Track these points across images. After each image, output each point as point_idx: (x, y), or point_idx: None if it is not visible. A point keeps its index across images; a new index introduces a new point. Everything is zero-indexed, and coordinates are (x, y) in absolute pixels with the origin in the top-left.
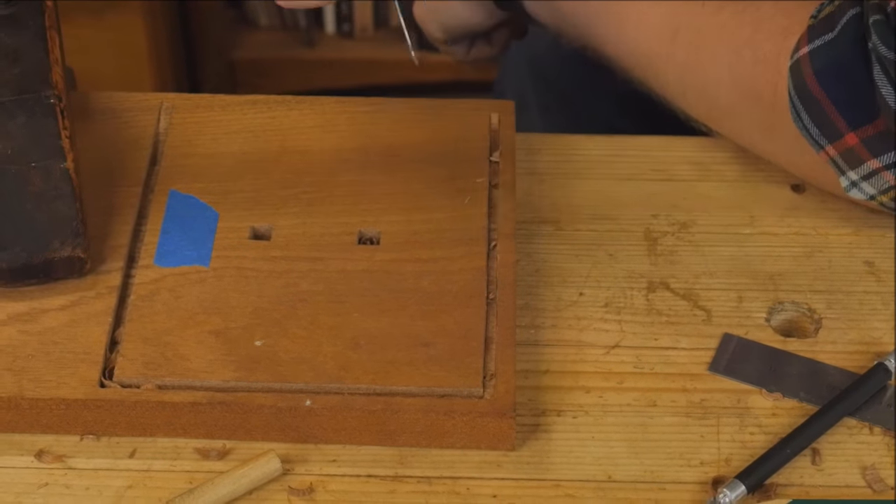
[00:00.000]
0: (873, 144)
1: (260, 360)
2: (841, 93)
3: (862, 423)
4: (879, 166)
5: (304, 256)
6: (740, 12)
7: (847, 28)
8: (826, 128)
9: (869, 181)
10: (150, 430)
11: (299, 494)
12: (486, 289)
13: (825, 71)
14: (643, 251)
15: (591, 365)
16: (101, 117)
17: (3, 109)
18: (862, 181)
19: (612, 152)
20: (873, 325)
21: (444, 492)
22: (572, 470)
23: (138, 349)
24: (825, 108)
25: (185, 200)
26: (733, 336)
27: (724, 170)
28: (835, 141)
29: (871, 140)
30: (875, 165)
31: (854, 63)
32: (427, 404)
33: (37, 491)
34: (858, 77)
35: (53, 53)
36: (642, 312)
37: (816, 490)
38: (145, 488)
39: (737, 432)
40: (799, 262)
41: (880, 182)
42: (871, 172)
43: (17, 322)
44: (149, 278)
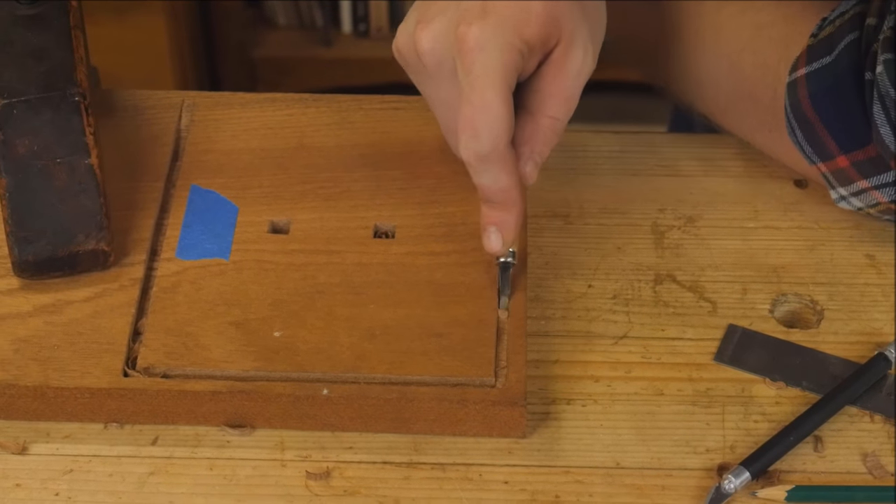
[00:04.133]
0: (863, 167)
1: (279, 350)
2: (834, 118)
3: (863, 412)
4: (868, 186)
5: (321, 250)
6: (740, 14)
7: (844, 54)
8: (818, 147)
9: (858, 197)
10: (171, 418)
11: (316, 479)
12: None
13: (820, 95)
14: (650, 244)
15: (600, 355)
16: (125, 114)
17: (29, 106)
18: (851, 196)
19: (619, 148)
20: (874, 317)
21: (457, 478)
22: (581, 457)
23: (160, 339)
24: (818, 130)
25: (205, 195)
26: (738, 327)
27: (729, 166)
28: (826, 160)
29: (860, 164)
30: (864, 185)
31: (848, 90)
32: (441, 393)
33: (61, 477)
34: (852, 104)
35: (78, 52)
36: (649, 304)
37: (818, 476)
38: (167, 475)
39: (741, 420)
40: (801, 256)
41: (868, 198)
42: (861, 191)
43: (42, 313)
44: (171, 271)
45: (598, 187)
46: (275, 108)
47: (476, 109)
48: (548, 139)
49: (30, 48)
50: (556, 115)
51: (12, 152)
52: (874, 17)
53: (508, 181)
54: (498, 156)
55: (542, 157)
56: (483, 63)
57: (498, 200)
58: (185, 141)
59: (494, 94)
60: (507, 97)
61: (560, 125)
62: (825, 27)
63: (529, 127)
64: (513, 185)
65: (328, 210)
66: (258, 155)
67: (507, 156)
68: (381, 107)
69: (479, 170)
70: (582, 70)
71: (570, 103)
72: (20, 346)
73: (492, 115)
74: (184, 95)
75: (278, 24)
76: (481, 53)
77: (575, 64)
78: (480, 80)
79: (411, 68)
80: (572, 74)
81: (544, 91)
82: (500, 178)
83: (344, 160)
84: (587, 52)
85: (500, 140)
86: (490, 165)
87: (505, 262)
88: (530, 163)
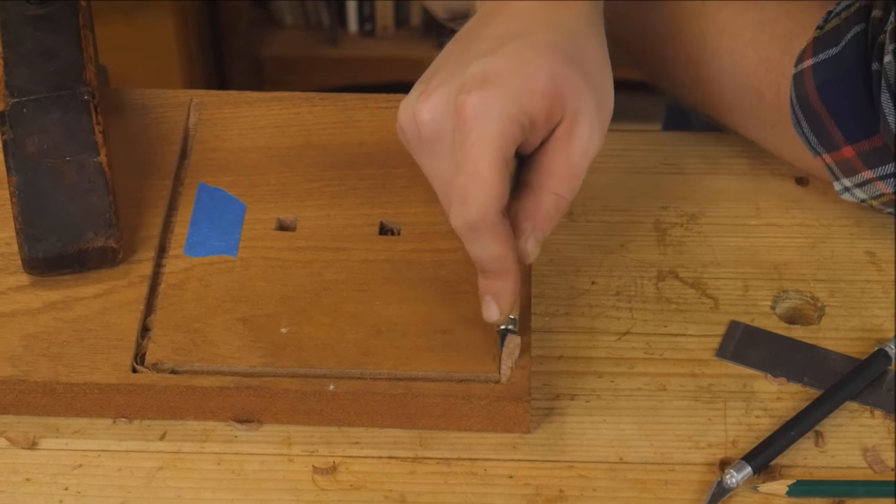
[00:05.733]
0: (868, 158)
1: (285, 346)
2: (841, 108)
3: (863, 407)
4: (873, 177)
5: (327, 247)
6: (743, 12)
7: (851, 45)
8: (824, 138)
9: (861, 188)
10: (179, 414)
11: (323, 474)
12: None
13: (827, 85)
14: (653, 242)
15: (604, 351)
16: (133, 113)
17: (38, 105)
18: (855, 188)
19: (623, 146)
20: (874, 313)
21: (462, 472)
22: (585, 451)
23: (169, 336)
24: (824, 120)
25: (213, 193)
26: (740, 323)
27: (732, 164)
28: (832, 151)
29: (866, 154)
30: (869, 176)
31: (855, 80)
32: (446, 389)
33: (71, 472)
34: (858, 94)
35: (87, 52)
36: (652, 300)
37: (819, 471)
38: (175, 469)
39: (743, 416)
40: (803, 253)
41: (872, 190)
42: (865, 181)
43: (52, 310)
44: (179, 268)
45: (602, 185)
46: (281, 106)
47: (468, 178)
48: (550, 216)
49: (39, 48)
50: (559, 192)
51: (22, 151)
52: (880, 10)
53: (500, 251)
54: (487, 225)
55: (543, 234)
56: (479, 132)
57: (492, 270)
58: (193, 139)
59: (487, 163)
60: (500, 168)
61: (564, 203)
62: (831, 20)
63: (532, 203)
64: (505, 255)
65: (334, 207)
66: (265, 153)
67: (497, 226)
68: (387, 105)
69: (469, 239)
70: (588, 148)
71: (574, 181)
72: (30, 342)
73: (483, 184)
74: (192, 94)
75: (285, 23)
76: (478, 122)
77: (580, 142)
78: (475, 148)
79: (412, 143)
80: (577, 152)
81: (548, 168)
82: (491, 247)
83: (350, 158)
84: (593, 128)
85: (489, 209)
86: (479, 235)
87: (505, 330)
88: (531, 239)
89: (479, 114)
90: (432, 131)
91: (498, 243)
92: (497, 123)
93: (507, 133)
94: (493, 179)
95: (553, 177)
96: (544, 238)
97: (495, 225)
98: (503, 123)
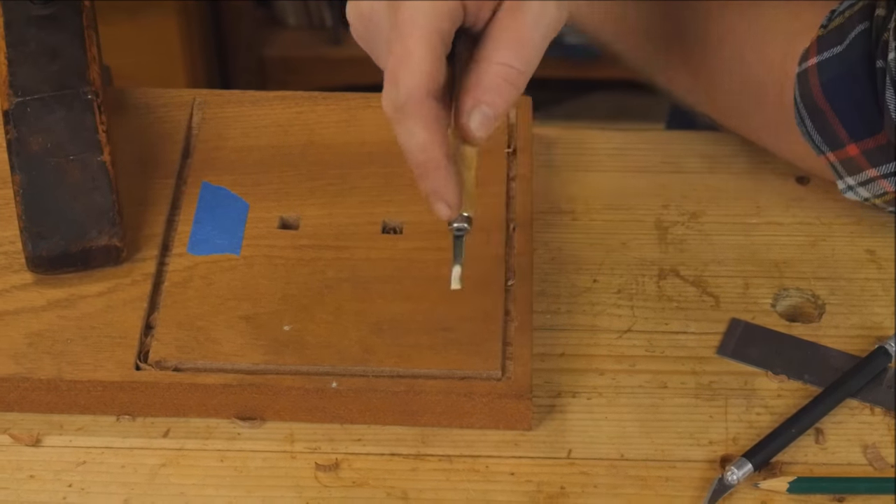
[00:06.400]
0: (873, 155)
1: (288, 343)
2: (845, 106)
3: (863, 404)
4: (877, 175)
5: (330, 245)
6: (745, 13)
7: (855, 43)
8: (828, 136)
9: (865, 187)
10: (183, 411)
11: (325, 470)
12: (505, 276)
13: (831, 83)
14: (654, 240)
15: (605, 348)
16: (137, 112)
17: (42, 105)
18: (858, 186)
19: (624, 146)
20: (874, 311)
21: (463, 469)
22: (586, 449)
23: (172, 333)
24: (829, 118)
25: (216, 191)
26: (740, 321)
27: (732, 163)
28: (836, 149)
29: (870, 152)
30: (873, 174)
31: (859, 78)
32: (448, 386)
33: (75, 469)
34: (862, 92)
35: (91, 51)
36: (653, 298)
37: (820, 468)
38: (178, 466)
39: (744, 413)
40: (803, 251)
41: (876, 188)
42: (869, 180)
43: (56, 308)
44: (182, 266)
45: (603, 184)
46: (284, 105)
47: (397, 58)
48: (497, 88)
49: (43, 47)
50: (507, 62)
51: (26, 149)
52: (883, 9)
53: (426, 136)
54: (415, 106)
55: (492, 110)
56: (410, 12)
57: (419, 161)
58: (196, 138)
59: (416, 41)
60: (432, 45)
61: (513, 73)
62: (835, 18)
63: (474, 75)
64: (433, 142)
65: (337, 206)
66: (268, 152)
67: (425, 107)
68: None
69: (397, 122)
70: (542, 15)
71: (525, 49)
72: (34, 339)
73: (412, 62)
74: (195, 94)
75: (288, 23)
76: (409, 3)
77: (532, 8)
78: (405, 26)
79: (356, 33)
80: (528, 20)
81: (495, 38)
82: (417, 132)
83: (352, 157)
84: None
85: (417, 88)
86: (406, 117)
87: (458, 228)
88: (476, 114)
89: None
90: (370, 21)
91: (424, 128)
92: (428, 1)
93: (440, 10)
94: (421, 56)
95: (500, 47)
96: (495, 116)
97: (422, 107)
98: (435, 1)
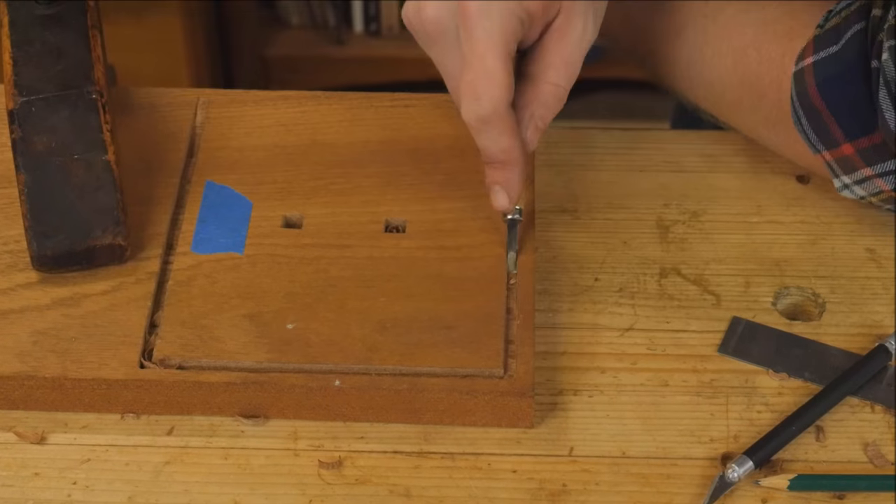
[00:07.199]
0: (868, 155)
1: (291, 342)
2: (840, 106)
3: (864, 402)
4: (872, 174)
5: (333, 244)
6: (744, 11)
7: (851, 43)
8: (824, 135)
9: (861, 185)
10: (187, 409)
11: (329, 468)
12: (507, 274)
13: (827, 83)
14: (655, 239)
15: (606, 347)
16: (141, 112)
17: (47, 104)
18: (854, 185)
19: (626, 145)
20: (874, 309)
21: (466, 467)
22: (588, 446)
23: (176, 332)
24: (824, 118)
25: (220, 191)
26: (741, 319)
27: (733, 162)
28: (832, 148)
29: (865, 151)
30: (868, 173)
31: (855, 78)
32: (450, 384)
33: (79, 466)
34: (858, 92)
35: (95, 51)
36: (655, 297)
37: (820, 465)
38: (182, 464)
39: (745, 411)
40: (804, 249)
41: (872, 187)
42: (864, 178)
43: (60, 306)
44: (186, 265)
45: (605, 183)
46: (288, 105)
47: (477, 74)
48: (549, 104)
49: (48, 47)
50: (556, 82)
51: (31, 149)
52: (879, 9)
53: (509, 142)
54: (499, 118)
55: (543, 122)
56: (484, 29)
57: (500, 161)
58: (200, 138)
59: (495, 58)
60: (507, 62)
61: (561, 91)
62: (831, 18)
63: (530, 93)
64: (514, 146)
65: (340, 205)
66: (271, 151)
67: (507, 118)
68: (392, 104)
69: (480, 132)
70: (583, 38)
71: (570, 69)
72: (39, 338)
73: (492, 78)
74: (199, 93)
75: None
76: (482, 20)
77: (575, 32)
78: (481, 45)
79: (418, 36)
80: (573, 42)
81: (545, 59)
82: (501, 139)
83: (355, 156)
84: (587, 21)
85: (500, 102)
86: (491, 127)
87: (512, 219)
88: (531, 127)
89: (482, 11)
90: (437, 28)
91: (507, 135)
92: (500, 20)
93: (509, 29)
94: (501, 74)
95: (550, 67)
96: (544, 127)
97: (505, 117)
98: (504, 19)
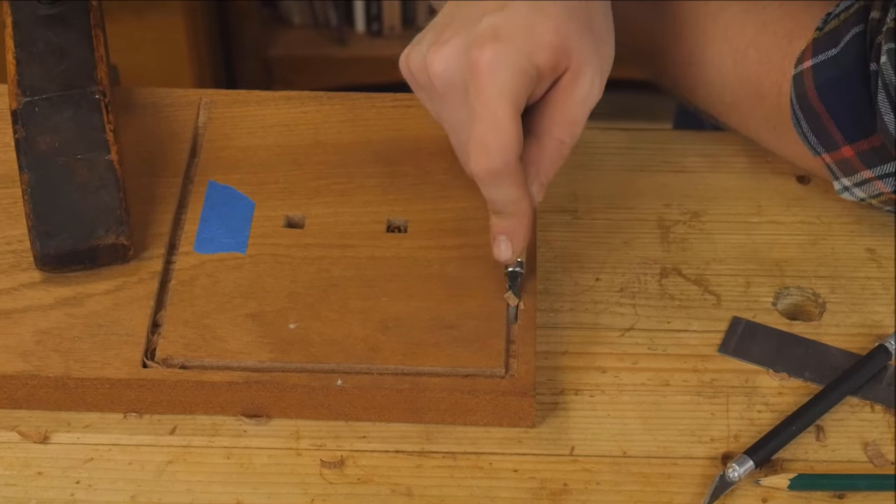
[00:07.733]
0: (867, 157)
1: (294, 341)
2: (840, 108)
3: (864, 402)
4: (872, 176)
5: (335, 244)
6: (745, 12)
7: (850, 46)
8: (823, 138)
9: (861, 187)
10: (189, 408)
11: (331, 467)
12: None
13: (826, 86)
14: (656, 239)
15: (607, 346)
16: (144, 112)
17: (50, 104)
18: (854, 187)
19: (626, 145)
20: (874, 309)
21: (467, 466)
22: (589, 446)
23: (179, 331)
24: (824, 121)
25: (222, 191)
26: (742, 319)
27: (733, 162)
28: (831, 151)
29: (865, 153)
30: (868, 175)
31: (854, 81)
32: (452, 384)
33: (83, 465)
34: (857, 95)
35: (98, 51)
36: (655, 297)
37: (820, 465)
38: (185, 463)
39: (745, 410)
40: (804, 250)
41: (872, 189)
42: (864, 181)
43: (64, 306)
44: (189, 264)
45: (606, 183)
46: (290, 105)
47: (487, 128)
48: (553, 161)
49: (51, 47)
50: (561, 139)
51: (34, 149)
52: (878, 11)
53: (518, 194)
54: (509, 171)
55: (547, 178)
56: (495, 83)
57: (508, 212)
58: (203, 138)
59: (505, 113)
60: (516, 117)
61: (565, 148)
62: (830, 21)
63: (535, 149)
64: (522, 197)
65: (342, 205)
66: (274, 151)
67: (517, 170)
68: (394, 104)
69: (489, 185)
70: (588, 97)
71: (575, 128)
72: (42, 337)
73: (503, 132)
74: (201, 93)
75: (293, 23)
76: (493, 75)
77: (582, 91)
78: (492, 100)
79: (423, 89)
80: (578, 101)
81: (551, 116)
82: (510, 191)
83: (357, 156)
84: (594, 80)
85: (510, 155)
86: (501, 181)
87: (513, 272)
88: (535, 183)
89: (493, 67)
90: (445, 82)
91: (516, 187)
92: (510, 76)
93: (519, 85)
94: (512, 127)
95: (556, 124)
96: (548, 182)
97: (515, 170)
98: (515, 74)
